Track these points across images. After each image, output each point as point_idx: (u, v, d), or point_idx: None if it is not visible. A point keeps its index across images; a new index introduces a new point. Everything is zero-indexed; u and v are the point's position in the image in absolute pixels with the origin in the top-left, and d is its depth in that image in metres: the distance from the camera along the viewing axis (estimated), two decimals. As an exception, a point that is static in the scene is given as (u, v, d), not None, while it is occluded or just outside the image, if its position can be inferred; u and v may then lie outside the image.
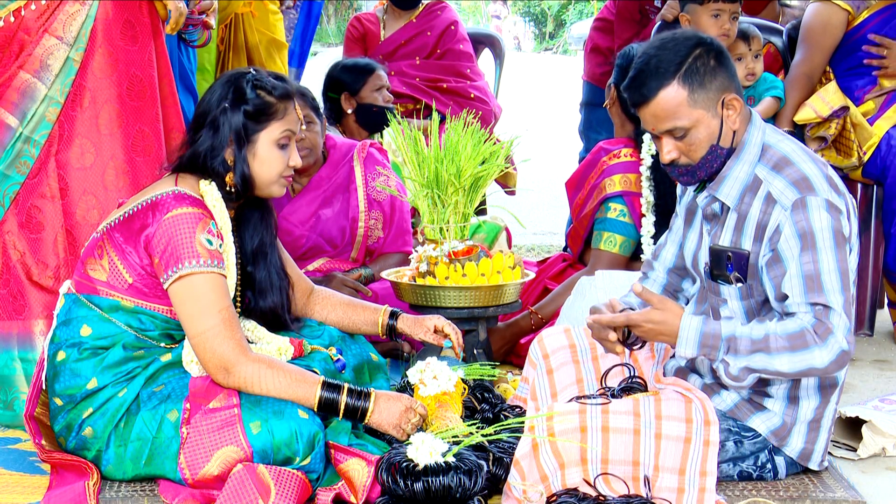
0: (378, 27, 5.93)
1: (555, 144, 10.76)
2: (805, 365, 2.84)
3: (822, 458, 3.08)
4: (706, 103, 2.94)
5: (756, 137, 3.00)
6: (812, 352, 2.83)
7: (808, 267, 2.87)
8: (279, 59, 5.36)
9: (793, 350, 2.84)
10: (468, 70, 5.90)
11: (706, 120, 2.95)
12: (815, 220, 2.87)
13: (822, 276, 2.86)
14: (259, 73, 3.12)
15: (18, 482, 3.08)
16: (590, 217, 4.24)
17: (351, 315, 3.43)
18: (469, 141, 3.68)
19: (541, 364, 3.27)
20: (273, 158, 3.11)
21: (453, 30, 5.92)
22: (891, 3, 4.50)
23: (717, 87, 2.95)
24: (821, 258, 2.86)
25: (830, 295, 2.85)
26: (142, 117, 3.64)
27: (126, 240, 3.03)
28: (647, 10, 5.48)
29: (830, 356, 2.83)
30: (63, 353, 3.05)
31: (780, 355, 2.84)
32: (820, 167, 2.96)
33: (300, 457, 2.90)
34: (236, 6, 5.19)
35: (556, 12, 31.21)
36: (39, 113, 3.51)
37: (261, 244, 3.23)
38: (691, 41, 2.97)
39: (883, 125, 4.52)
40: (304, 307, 3.42)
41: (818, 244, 2.87)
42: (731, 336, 2.88)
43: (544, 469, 2.83)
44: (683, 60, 2.94)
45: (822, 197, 2.88)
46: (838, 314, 2.84)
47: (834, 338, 2.83)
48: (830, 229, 2.87)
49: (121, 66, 3.60)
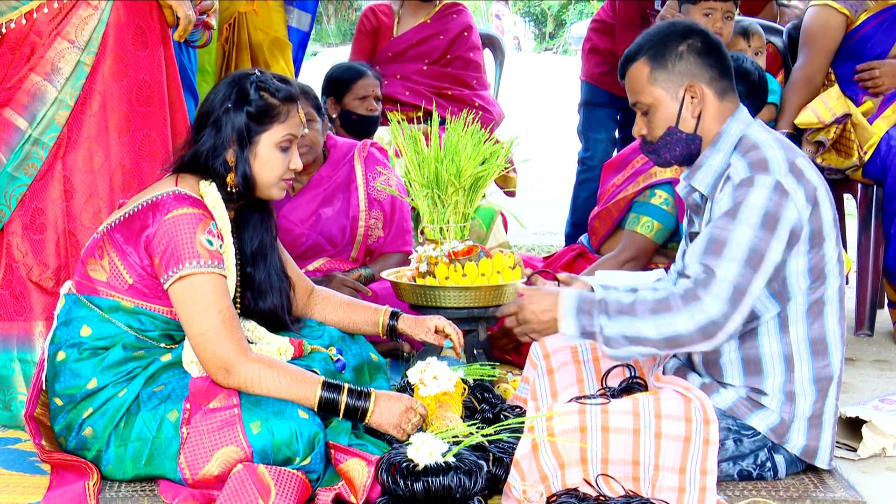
0: (392, 22, 5.86)
1: (555, 144, 10.76)
2: (670, 330, 2.84)
3: (829, 456, 3.07)
4: (667, 84, 3.03)
5: (735, 129, 3.04)
6: (675, 316, 2.84)
7: (718, 231, 2.89)
8: (283, 58, 5.35)
9: (655, 313, 2.85)
10: (474, 81, 5.84)
11: (666, 101, 3.04)
12: (751, 195, 2.88)
13: (728, 245, 2.86)
14: (264, 75, 3.13)
15: (18, 482, 3.08)
16: (629, 200, 4.22)
17: (351, 315, 3.43)
18: (469, 141, 3.68)
19: (541, 364, 3.27)
20: (274, 160, 3.11)
21: (466, 36, 5.85)
22: (888, 6, 4.52)
23: (682, 72, 3.02)
24: (735, 228, 2.87)
25: (724, 262, 2.84)
26: (150, 123, 3.65)
27: (126, 240, 3.03)
28: (648, 13, 5.49)
29: (694, 323, 2.83)
30: (63, 353, 3.05)
31: (644, 319, 2.86)
32: (787, 153, 2.97)
33: (300, 457, 2.90)
34: (239, 5, 5.18)
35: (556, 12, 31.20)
36: (49, 115, 3.51)
37: (261, 245, 3.23)
38: (677, 27, 3.07)
39: (882, 125, 4.53)
40: (304, 307, 3.42)
41: (739, 216, 2.88)
42: (602, 299, 2.92)
43: (544, 469, 2.83)
44: (658, 41, 3.05)
45: (773, 178, 2.90)
46: (720, 282, 2.83)
47: (700, 305, 2.83)
48: (762, 208, 2.87)
49: (131, 71, 3.60)
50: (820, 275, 2.97)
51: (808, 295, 2.97)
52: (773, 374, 3.00)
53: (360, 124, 4.96)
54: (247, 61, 5.15)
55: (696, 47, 3.04)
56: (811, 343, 3.01)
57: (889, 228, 4.54)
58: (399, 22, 5.82)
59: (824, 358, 3.02)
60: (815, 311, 2.99)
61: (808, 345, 3.01)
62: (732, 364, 3.03)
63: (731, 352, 3.03)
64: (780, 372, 3.00)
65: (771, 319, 2.99)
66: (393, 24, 5.80)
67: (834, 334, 3.03)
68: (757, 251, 2.86)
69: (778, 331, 2.99)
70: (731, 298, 2.84)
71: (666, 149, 3.08)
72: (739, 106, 3.09)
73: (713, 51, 3.05)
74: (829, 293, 3.00)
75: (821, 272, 2.97)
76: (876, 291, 4.72)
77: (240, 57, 5.18)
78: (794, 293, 2.96)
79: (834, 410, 3.08)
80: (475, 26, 5.96)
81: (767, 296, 2.96)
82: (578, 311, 2.94)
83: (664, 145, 3.08)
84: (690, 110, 3.04)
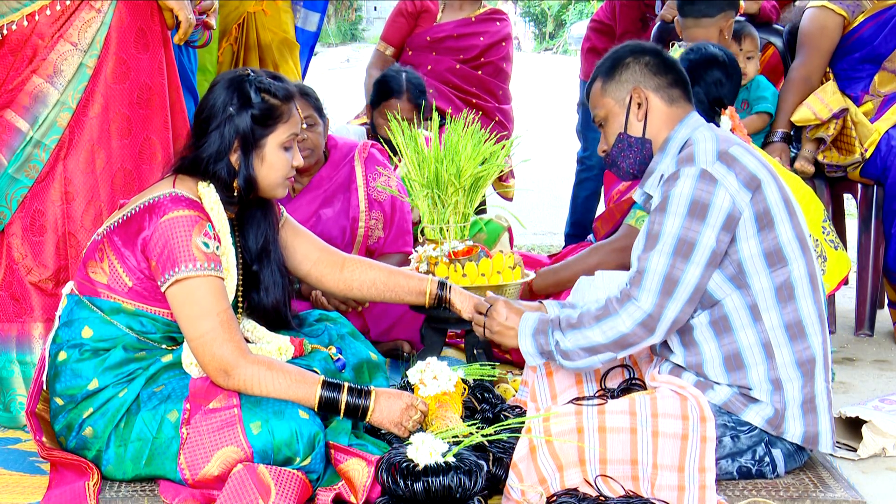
0: (437, 8, 5.85)
1: (554, 144, 10.76)
2: (615, 332, 2.98)
3: (831, 440, 3.08)
4: (615, 93, 3.17)
5: (682, 133, 3.13)
6: (615, 318, 2.98)
7: (650, 227, 3.01)
8: (291, 59, 5.35)
9: (599, 320, 3.00)
10: (500, 92, 5.85)
11: (615, 109, 3.18)
12: (677, 187, 2.98)
13: (658, 238, 2.97)
14: (258, 75, 3.12)
15: (18, 482, 3.08)
16: (632, 202, 4.23)
17: (391, 279, 3.41)
18: (469, 141, 3.68)
19: (540, 366, 3.27)
20: (280, 161, 3.11)
21: (504, 45, 5.87)
22: (885, 7, 4.53)
23: (628, 80, 3.15)
24: (665, 220, 2.97)
25: (654, 255, 2.96)
26: (151, 125, 3.65)
27: (125, 243, 3.02)
28: (648, 17, 5.49)
29: (632, 320, 2.96)
30: (64, 353, 3.05)
31: (592, 327, 3.00)
32: (721, 144, 3.03)
33: (300, 457, 2.90)
34: (248, 5, 5.19)
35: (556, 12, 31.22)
36: (51, 118, 3.50)
37: (265, 242, 3.23)
38: (630, 46, 3.22)
39: (882, 126, 4.53)
40: (340, 281, 3.40)
41: (669, 208, 2.97)
42: (556, 317, 3.08)
43: (542, 471, 2.83)
44: (609, 58, 3.22)
45: (698, 167, 2.98)
46: (650, 275, 2.96)
47: (633, 302, 2.96)
48: (688, 196, 2.96)
49: (132, 74, 3.60)
50: (779, 258, 3.00)
51: (772, 279, 3.00)
52: (754, 364, 3.02)
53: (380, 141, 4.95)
54: (255, 61, 5.15)
55: (644, 59, 3.17)
56: (786, 327, 3.02)
57: (889, 228, 4.54)
58: (444, 10, 5.82)
59: (803, 341, 3.03)
60: (785, 294, 3.01)
61: (784, 329, 3.02)
62: (714, 363, 3.04)
63: (712, 350, 3.04)
64: (761, 361, 3.01)
65: (742, 309, 3.01)
66: (437, 12, 5.80)
67: (809, 315, 3.04)
68: (686, 240, 2.95)
69: (751, 321, 3.02)
70: (662, 290, 2.95)
71: (621, 157, 3.19)
72: (691, 112, 3.17)
73: (664, 63, 3.18)
74: (795, 275, 3.01)
75: (779, 254, 3.00)
76: (876, 291, 4.72)
77: (248, 57, 5.19)
78: (752, 277, 2.99)
79: (826, 394, 3.08)
80: (512, 39, 5.97)
81: (724, 279, 3.01)
82: (535, 332, 3.10)
83: (618, 153, 3.19)
84: (636, 114, 3.16)
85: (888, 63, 4.56)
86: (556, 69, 22.88)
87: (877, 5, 4.54)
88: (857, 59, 4.56)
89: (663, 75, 3.17)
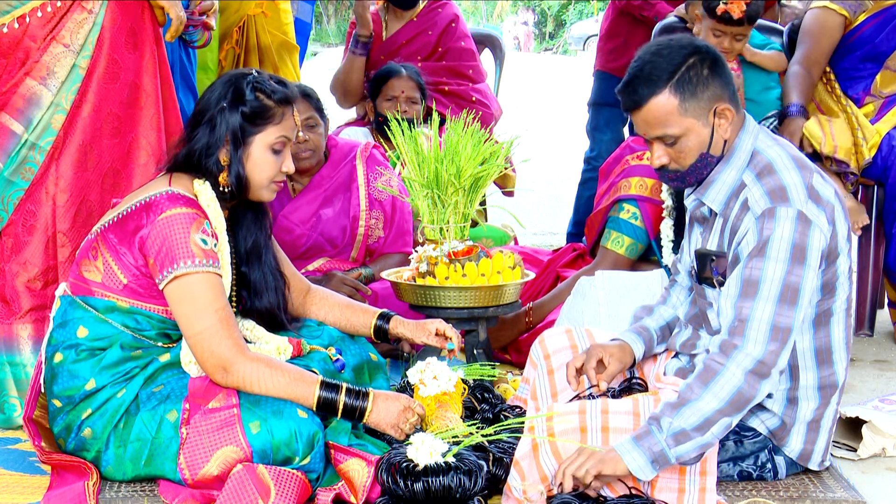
0: (380, 27, 5.88)
1: (554, 144, 10.77)
2: (729, 390, 2.77)
3: (822, 458, 3.08)
4: (697, 112, 2.92)
5: (747, 143, 2.98)
6: (724, 375, 2.78)
7: (749, 272, 2.85)
8: (290, 61, 5.35)
9: (705, 384, 2.78)
10: (470, 70, 5.85)
11: (697, 128, 2.93)
12: (777, 229, 2.83)
13: (761, 284, 2.82)
14: (261, 76, 3.12)
15: (18, 482, 3.08)
16: (604, 212, 4.24)
17: (349, 316, 3.42)
18: (469, 141, 3.67)
19: (541, 364, 3.27)
20: (266, 162, 3.10)
21: (454, 27, 5.86)
22: (886, 7, 4.53)
23: (710, 97, 2.92)
24: (766, 266, 2.82)
25: (759, 303, 2.81)
26: (142, 124, 3.64)
27: (120, 241, 3.02)
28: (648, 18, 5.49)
29: (743, 369, 2.78)
30: (60, 354, 3.05)
31: (700, 397, 2.77)
32: (804, 175, 2.91)
33: (300, 457, 2.90)
34: (248, 7, 5.19)
35: (556, 12, 31.24)
36: (45, 120, 3.50)
37: (255, 245, 3.23)
38: (686, 49, 2.94)
39: (882, 128, 4.54)
40: (300, 307, 3.41)
41: (769, 253, 2.83)
42: (657, 420, 2.77)
43: (544, 470, 2.83)
44: (677, 69, 2.91)
45: (795, 208, 2.85)
46: (757, 323, 2.80)
47: (741, 350, 2.79)
48: (790, 241, 2.82)
49: (123, 74, 3.60)
50: (831, 289, 2.96)
51: (816, 307, 2.96)
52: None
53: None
54: (255, 63, 5.16)
55: (712, 66, 2.93)
56: (816, 352, 2.99)
57: (890, 228, 4.54)
58: (386, 27, 5.84)
59: (829, 367, 3.01)
60: (822, 320, 2.97)
61: (814, 354, 2.99)
62: None
63: None
64: (784, 381, 2.99)
65: None
66: (381, 30, 5.82)
67: (839, 342, 3.01)
68: (790, 286, 2.82)
69: None
70: (771, 337, 2.80)
71: (693, 174, 2.99)
72: (746, 115, 3.03)
73: (722, 65, 2.97)
74: (836, 304, 2.98)
75: (832, 285, 2.95)
76: (876, 291, 4.72)
77: (248, 59, 5.19)
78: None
79: (833, 415, 3.07)
80: (461, 16, 5.96)
81: None
82: (636, 438, 2.77)
83: (692, 171, 2.98)
84: (721, 133, 2.95)
85: (890, 62, 4.56)
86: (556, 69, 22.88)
87: (878, 4, 4.54)
88: (859, 58, 4.56)
89: (728, 80, 2.94)
